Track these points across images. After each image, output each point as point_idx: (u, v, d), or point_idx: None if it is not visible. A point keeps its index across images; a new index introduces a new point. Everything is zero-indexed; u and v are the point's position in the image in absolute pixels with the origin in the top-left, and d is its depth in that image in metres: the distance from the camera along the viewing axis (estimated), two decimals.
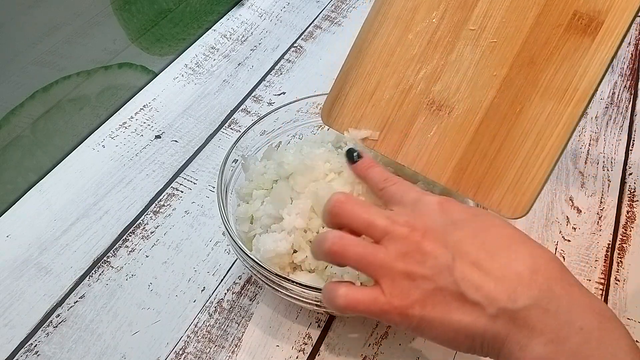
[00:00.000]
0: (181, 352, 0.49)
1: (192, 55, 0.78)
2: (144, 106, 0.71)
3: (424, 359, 0.49)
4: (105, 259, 0.56)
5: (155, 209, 0.60)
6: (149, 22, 0.72)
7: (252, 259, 0.46)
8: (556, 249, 0.58)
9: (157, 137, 0.68)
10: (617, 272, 0.56)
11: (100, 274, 0.54)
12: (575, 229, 0.59)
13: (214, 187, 0.62)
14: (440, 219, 0.37)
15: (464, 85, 0.45)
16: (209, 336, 0.50)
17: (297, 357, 0.49)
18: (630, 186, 0.64)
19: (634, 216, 0.61)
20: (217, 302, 0.53)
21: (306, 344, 0.50)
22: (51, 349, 0.49)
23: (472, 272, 0.34)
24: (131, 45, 0.70)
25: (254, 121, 0.56)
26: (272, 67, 0.77)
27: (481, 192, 0.44)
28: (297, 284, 0.44)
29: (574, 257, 0.57)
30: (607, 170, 0.65)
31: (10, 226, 0.58)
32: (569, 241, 0.58)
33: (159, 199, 0.61)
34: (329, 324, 0.51)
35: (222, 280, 0.54)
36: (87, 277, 0.54)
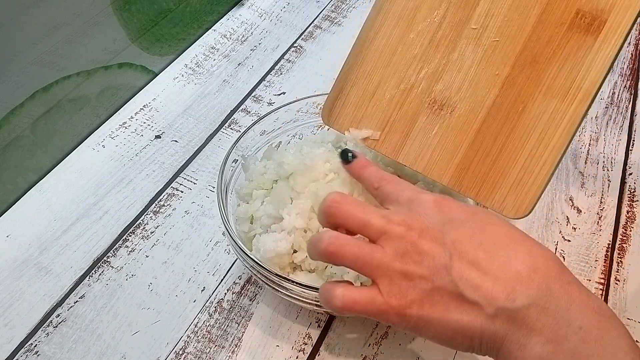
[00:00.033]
0: (181, 352, 0.49)
1: (192, 55, 0.78)
2: (144, 106, 0.71)
3: (424, 359, 0.49)
4: (105, 259, 0.56)
5: (155, 209, 0.60)
6: (149, 22, 0.72)
7: (252, 259, 0.46)
8: (556, 249, 0.58)
9: (157, 137, 0.68)
10: (617, 272, 0.56)
11: (100, 274, 0.54)
12: (575, 229, 0.59)
13: (214, 187, 0.62)
14: (437, 218, 0.36)
15: (466, 84, 0.45)
16: (209, 336, 0.50)
17: (297, 357, 0.49)
18: (630, 186, 0.64)
19: (634, 216, 0.61)
20: (217, 302, 0.53)
21: (306, 344, 0.50)
22: (51, 349, 0.49)
23: (470, 271, 0.34)
24: (131, 45, 0.70)
25: (254, 121, 0.56)
26: (272, 67, 0.77)
27: (483, 192, 0.44)
28: (297, 284, 0.44)
29: (574, 257, 0.57)
30: (607, 170, 0.65)
31: (10, 226, 0.58)
32: (569, 241, 0.58)
33: (159, 199, 0.61)
34: (329, 324, 0.51)
35: (222, 280, 0.54)
36: (87, 277, 0.54)
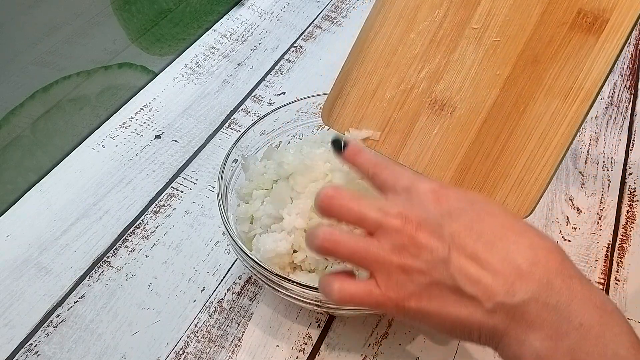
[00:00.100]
0: (181, 352, 0.49)
1: (192, 55, 0.78)
2: (144, 106, 0.71)
3: (424, 358, 0.49)
4: (105, 259, 0.56)
5: (155, 209, 0.60)
6: (149, 22, 0.72)
7: (252, 259, 0.46)
8: None
9: (157, 137, 0.68)
10: (617, 272, 0.56)
11: (100, 274, 0.54)
12: (575, 229, 0.59)
13: (214, 187, 0.62)
14: (435, 209, 0.36)
15: (467, 84, 0.44)
16: (209, 336, 0.50)
17: (297, 357, 0.49)
18: (630, 186, 0.64)
19: (634, 216, 0.61)
20: (217, 302, 0.53)
21: (306, 344, 0.50)
22: (51, 349, 0.49)
23: (468, 265, 0.34)
24: (131, 45, 0.70)
25: (254, 121, 0.56)
26: (272, 67, 0.77)
27: (484, 192, 0.43)
28: (297, 284, 0.44)
29: (574, 257, 0.57)
30: (607, 170, 0.65)
31: (10, 226, 0.58)
32: (569, 241, 0.58)
33: (159, 199, 0.61)
34: (329, 324, 0.51)
35: (222, 280, 0.54)
36: (87, 277, 0.54)
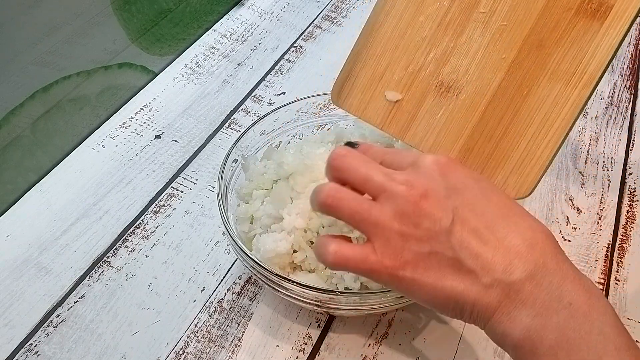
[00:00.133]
0: (181, 352, 0.49)
1: (192, 55, 0.78)
2: (144, 106, 0.71)
3: (424, 358, 0.49)
4: (105, 259, 0.56)
5: (155, 209, 0.60)
6: (149, 22, 0.72)
7: (252, 259, 0.46)
8: None
9: (157, 137, 0.68)
10: (617, 272, 0.56)
11: (100, 274, 0.54)
12: (575, 229, 0.59)
13: (214, 187, 0.62)
14: (441, 181, 0.36)
15: (473, 67, 0.45)
16: (209, 336, 0.50)
17: (297, 357, 0.49)
18: (630, 186, 0.64)
19: (634, 216, 0.61)
20: (217, 302, 0.53)
21: (306, 344, 0.50)
22: (51, 349, 0.49)
23: (470, 239, 0.34)
24: (131, 45, 0.70)
25: (254, 121, 0.56)
26: (272, 67, 0.77)
27: (486, 172, 0.44)
28: (297, 284, 0.44)
29: (574, 257, 0.57)
30: (607, 170, 0.65)
31: (10, 226, 0.58)
32: (569, 241, 0.58)
33: (159, 199, 0.61)
34: (329, 324, 0.51)
35: (222, 280, 0.54)
36: (87, 277, 0.54)
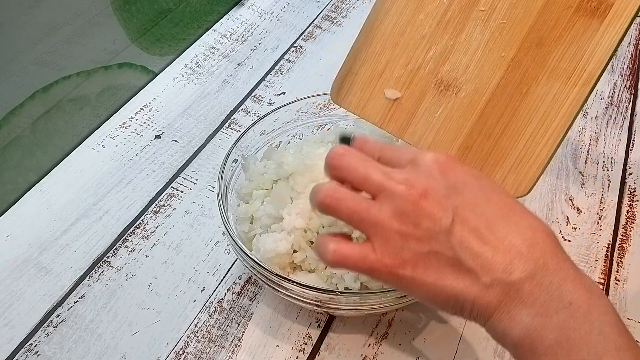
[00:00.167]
0: (181, 352, 0.49)
1: (192, 55, 0.78)
2: (144, 106, 0.71)
3: (424, 358, 0.49)
4: (105, 259, 0.56)
5: (155, 209, 0.60)
6: (149, 22, 0.72)
7: (252, 259, 0.46)
8: None
9: (157, 137, 0.68)
10: (617, 272, 0.56)
11: (100, 274, 0.54)
12: (575, 229, 0.59)
13: (214, 187, 0.62)
14: (441, 180, 0.36)
15: (472, 65, 0.45)
16: (209, 336, 0.50)
17: (297, 357, 0.49)
18: (630, 186, 0.64)
19: (634, 216, 0.61)
20: (217, 302, 0.53)
21: (306, 344, 0.50)
22: (51, 349, 0.49)
23: (470, 238, 0.34)
24: (131, 45, 0.70)
25: (254, 121, 0.56)
26: (272, 67, 0.77)
27: (485, 171, 0.44)
28: (297, 284, 0.44)
29: (574, 257, 0.57)
30: (607, 170, 0.65)
31: (10, 226, 0.58)
32: (569, 241, 0.58)
33: (159, 199, 0.61)
34: (329, 324, 0.51)
35: (222, 280, 0.54)
36: (87, 277, 0.54)
